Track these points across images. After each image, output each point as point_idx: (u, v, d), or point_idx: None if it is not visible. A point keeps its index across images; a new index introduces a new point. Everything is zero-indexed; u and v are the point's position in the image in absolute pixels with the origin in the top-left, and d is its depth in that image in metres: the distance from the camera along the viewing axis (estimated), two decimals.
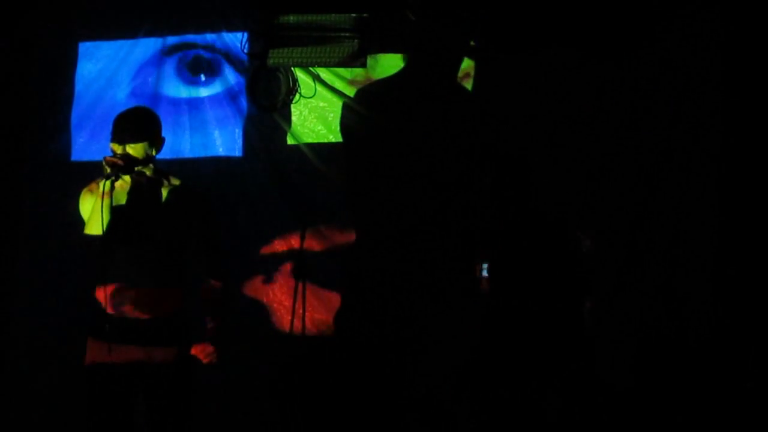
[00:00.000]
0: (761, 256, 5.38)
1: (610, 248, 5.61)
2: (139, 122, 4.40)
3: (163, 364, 4.39)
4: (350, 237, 6.10)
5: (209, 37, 6.43)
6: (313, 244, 6.06)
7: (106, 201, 4.23)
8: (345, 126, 5.41)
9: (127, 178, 4.34)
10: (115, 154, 4.33)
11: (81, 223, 4.44)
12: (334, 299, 6.08)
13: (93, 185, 4.45)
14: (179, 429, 4.45)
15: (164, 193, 4.45)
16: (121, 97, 6.54)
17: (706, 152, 5.57)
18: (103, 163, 4.29)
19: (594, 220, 5.54)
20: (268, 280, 6.24)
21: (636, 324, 5.55)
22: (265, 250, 6.26)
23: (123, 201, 4.36)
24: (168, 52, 6.47)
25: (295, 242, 6.05)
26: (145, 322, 4.38)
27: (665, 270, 5.60)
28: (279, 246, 6.23)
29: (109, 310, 4.39)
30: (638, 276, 5.63)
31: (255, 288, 6.25)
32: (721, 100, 5.54)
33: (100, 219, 4.24)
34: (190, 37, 6.47)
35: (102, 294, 4.39)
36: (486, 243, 4.63)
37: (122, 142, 4.34)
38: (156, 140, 4.44)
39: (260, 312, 6.22)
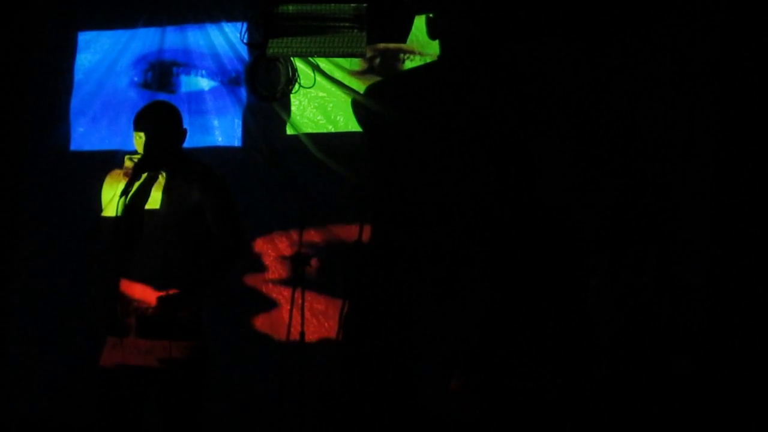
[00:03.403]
0: (757, 249, 5.39)
1: (607, 240, 5.63)
2: (153, 113, 4.49)
3: (175, 360, 4.39)
4: (349, 226, 6.15)
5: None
6: (311, 234, 6.07)
7: (121, 200, 4.34)
8: (364, 120, 5.43)
9: (144, 175, 4.45)
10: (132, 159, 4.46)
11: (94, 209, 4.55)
12: (334, 289, 6.12)
13: (116, 173, 4.52)
14: (189, 423, 4.46)
15: (182, 188, 4.45)
16: (121, 87, 6.55)
17: (704, 144, 5.58)
18: (125, 160, 4.44)
19: (591, 212, 5.56)
20: (267, 269, 6.25)
21: (632, 315, 5.56)
22: (264, 239, 6.26)
23: (139, 199, 4.43)
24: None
25: (293, 232, 6.06)
26: (157, 317, 4.39)
27: (661, 262, 5.61)
28: (278, 235, 6.23)
29: (122, 305, 4.42)
30: (634, 268, 5.64)
31: (254, 278, 6.25)
32: (718, 91, 5.55)
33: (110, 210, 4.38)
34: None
35: (117, 288, 4.44)
36: (490, 233, 4.64)
37: (138, 129, 4.44)
38: (172, 130, 4.49)
39: (259, 302, 6.23)
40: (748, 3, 5.47)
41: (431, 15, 5.89)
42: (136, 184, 4.41)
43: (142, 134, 4.42)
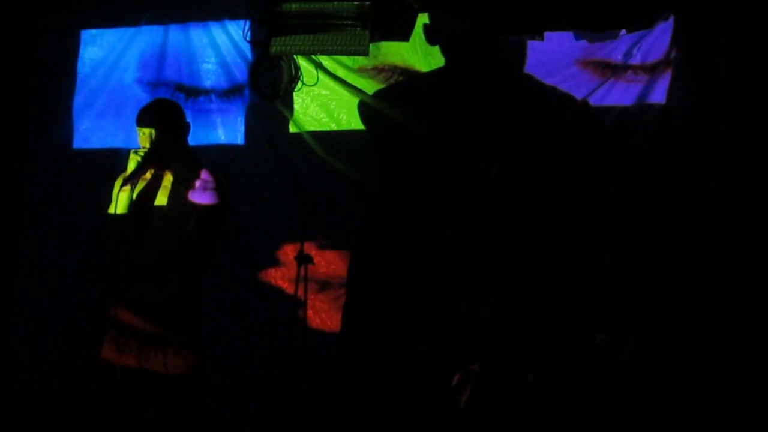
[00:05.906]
0: (759, 249, 5.39)
1: (610, 240, 5.63)
2: (150, 110, 4.66)
3: (171, 363, 4.43)
4: (352, 224, 6.16)
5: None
6: (314, 232, 6.07)
7: (123, 192, 4.51)
8: (370, 121, 5.45)
9: (150, 171, 4.58)
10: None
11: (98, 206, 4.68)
12: (336, 287, 6.12)
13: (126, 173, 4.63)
14: (187, 413, 4.50)
15: (185, 189, 4.54)
16: (125, 84, 6.55)
17: (706, 146, 5.58)
18: (130, 155, 4.57)
19: (594, 213, 5.56)
20: (270, 267, 6.25)
21: (635, 315, 5.57)
22: (267, 237, 6.26)
23: (148, 197, 4.55)
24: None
25: (296, 230, 6.05)
26: (157, 306, 4.45)
27: (664, 262, 5.62)
28: (280, 233, 6.23)
29: (124, 294, 4.49)
30: (637, 268, 5.64)
31: (257, 275, 6.25)
32: (721, 92, 5.55)
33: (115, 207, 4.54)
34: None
35: (120, 276, 4.51)
36: (496, 233, 4.66)
37: (142, 125, 4.61)
38: (177, 125, 4.63)
39: (262, 299, 6.23)
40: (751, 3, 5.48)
41: (428, 22, 5.90)
42: (143, 181, 4.49)
43: (145, 130, 4.59)
